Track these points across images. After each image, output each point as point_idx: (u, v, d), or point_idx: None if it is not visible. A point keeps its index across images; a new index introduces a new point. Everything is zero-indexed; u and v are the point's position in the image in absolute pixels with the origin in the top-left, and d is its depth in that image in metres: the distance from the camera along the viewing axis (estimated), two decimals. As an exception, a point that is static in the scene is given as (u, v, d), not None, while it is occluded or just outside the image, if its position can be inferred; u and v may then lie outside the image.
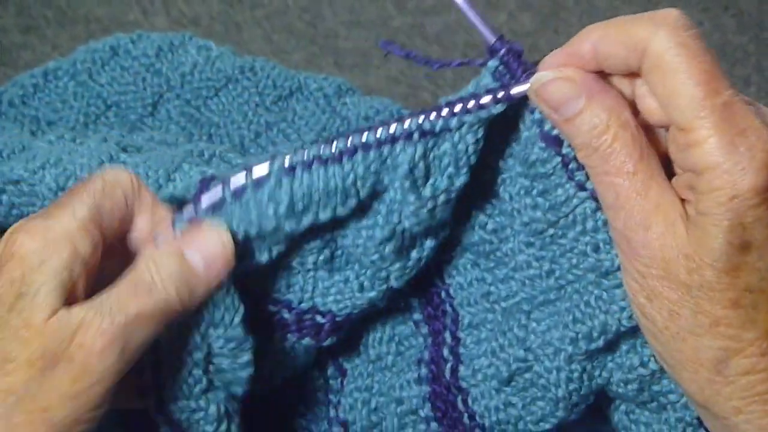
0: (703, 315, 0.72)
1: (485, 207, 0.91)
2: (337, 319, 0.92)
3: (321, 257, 0.88)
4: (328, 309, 0.91)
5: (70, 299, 0.73)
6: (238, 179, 0.80)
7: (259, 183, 0.79)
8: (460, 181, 0.83)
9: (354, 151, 0.79)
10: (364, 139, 0.79)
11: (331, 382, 1.02)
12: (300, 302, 0.91)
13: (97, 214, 0.76)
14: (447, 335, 0.95)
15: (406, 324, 0.99)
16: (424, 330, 0.97)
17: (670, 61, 0.70)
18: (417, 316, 0.98)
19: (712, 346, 0.72)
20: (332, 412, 1.01)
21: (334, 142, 0.79)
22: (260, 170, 0.79)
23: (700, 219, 0.70)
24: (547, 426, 0.90)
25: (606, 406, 0.93)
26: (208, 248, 0.78)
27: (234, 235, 0.80)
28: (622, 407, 0.91)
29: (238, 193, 0.79)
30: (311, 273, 0.90)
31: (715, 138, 0.69)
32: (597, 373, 0.86)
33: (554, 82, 0.75)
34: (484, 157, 0.85)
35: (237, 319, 0.82)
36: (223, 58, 1.25)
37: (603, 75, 0.76)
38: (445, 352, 0.94)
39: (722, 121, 0.69)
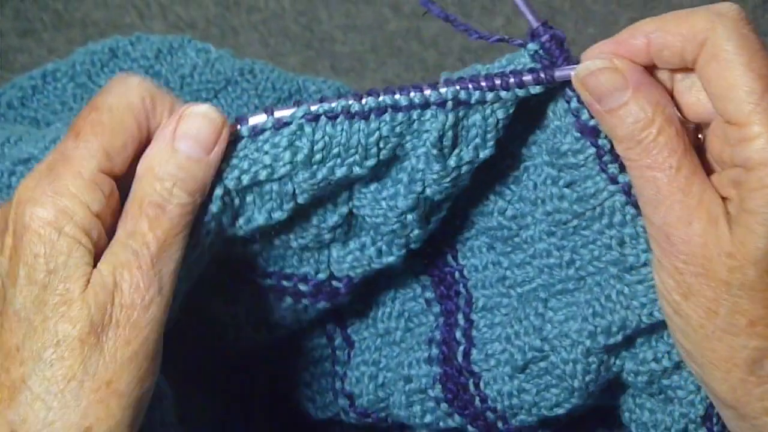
0: (740, 314, 0.71)
1: (505, 193, 0.90)
2: (354, 281, 0.91)
3: (338, 232, 0.88)
4: (345, 275, 0.90)
5: (97, 257, 0.72)
6: (259, 119, 0.78)
7: (279, 126, 0.78)
8: (485, 153, 0.82)
9: (383, 111, 0.78)
10: (395, 101, 0.78)
11: (338, 353, 1.02)
12: (317, 273, 0.91)
13: (106, 158, 0.72)
14: (460, 317, 0.94)
15: (417, 301, 0.98)
16: (436, 309, 0.97)
17: (730, 52, 0.69)
18: (429, 294, 0.98)
19: (748, 346, 0.72)
20: (338, 384, 1.01)
21: (364, 98, 0.78)
22: (283, 113, 0.78)
23: (744, 217, 0.70)
24: (561, 411, 0.90)
25: (613, 384, 0.92)
26: (196, 130, 0.74)
27: (243, 176, 0.78)
28: (630, 389, 0.91)
29: (257, 132, 0.78)
30: (326, 247, 0.90)
31: None
32: (612, 362, 0.86)
33: (602, 72, 0.74)
34: (505, 143, 0.84)
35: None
36: (222, 60, 1.25)
37: (648, 70, 0.76)
38: (458, 334, 0.93)
39: None
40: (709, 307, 0.71)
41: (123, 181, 0.74)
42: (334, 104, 0.77)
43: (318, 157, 0.78)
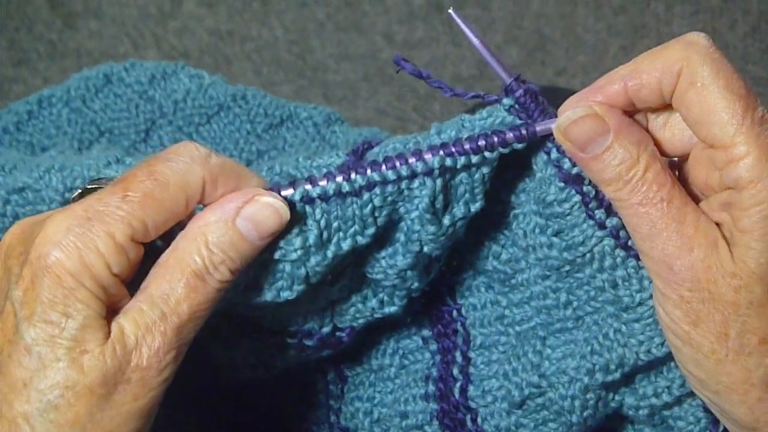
0: (751, 333, 0.72)
1: (498, 237, 0.91)
2: (357, 329, 0.93)
3: (342, 291, 0.89)
4: (347, 326, 0.92)
5: (112, 307, 0.72)
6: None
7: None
8: (476, 207, 0.83)
9: (373, 186, 0.79)
10: (383, 175, 0.79)
11: (330, 387, 1.03)
12: (321, 327, 0.92)
13: (143, 229, 0.72)
14: (458, 354, 0.95)
15: (412, 339, 1.00)
16: (433, 347, 0.98)
17: (707, 77, 0.71)
18: (426, 332, 0.99)
19: (762, 364, 0.73)
20: (333, 418, 1.02)
21: (353, 175, 0.79)
22: (285, 193, 0.78)
23: (741, 237, 0.71)
24: None
25: (611, 415, 0.93)
26: (262, 218, 0.74)
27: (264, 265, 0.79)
28: (629, 419, 0.92)
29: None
30: (329, 308, 0.91)
31: (757, 151, 0.70)
32: (611, 398, 0.87)
33: (583, 120, 0.75)
34: (496, 191, 0.86)
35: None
36: (215, 86, 1.26)
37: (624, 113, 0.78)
38: (455, 371, 0.94)
39: (762, 135, 0.70)
40: (719, 331, 0.72)
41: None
42: (326, 185, 0.78)
43: (324, 235, 0.80)
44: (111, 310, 0.72)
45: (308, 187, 0.78)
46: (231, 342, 0.89)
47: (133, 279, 0.74)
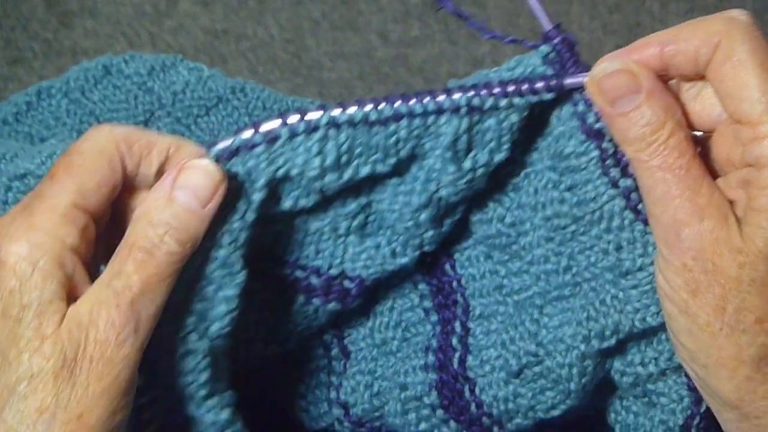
0: (749, 311, 0.72)
1: (504, 200, 0.91)
2: (366, 283, 0.92)
3: (355, 222, 0.89)
4: (357, 274, 0.92)
5: (72, 291, 0.73)
6: (293, 119, 0.79)
7: (310, 130, 0.79)
8: (500, 157, 0.83)
9: (400, 117, 0.79)
10: (410, 108, 0.79)
11: (334, 363, 1.02)
12: (329, 267, 0.92)
13: (81, 196, 0.74)
14: (457, 325, 0.96)
15: (414, 311, 0.99)
16: (434, 318, 0.98)
17: (745, 53, 0.71)
18: (427, 303, 0.98)
19: (755, 343, 0.73)
20: (333, 394, 1.02)
21: (381, 105, 0.79)
22: (312, 116, 0.78)
23: (753, 215, 0.72)
24: (557, 413, 0.91)
25: (604, 386, 0.93)
26: (195, 182, 0.75)
27: (271, 177, 0.79)
28: (618, 392, 0.92)
29: (289, 135, 0.79)
30: (342, 238, 0.91)
31: None
32: (606, 363, 0.88)
33: (618, 74, 0.75)
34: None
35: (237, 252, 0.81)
36: (215, 78, 1.27)
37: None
38: (454, 341, 0.95)
39: None
40: (717, 304, 0.73)
41: (113, 233, 0.77)
42: (354, 112, 0.78)
43: (344, 159, 0.80)
44: (71, 295, 0.72)
45: (336, 112, 0.78)
46: (244, 306, 0.86)
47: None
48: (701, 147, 0.78)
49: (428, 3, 1.85)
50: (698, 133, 0.78)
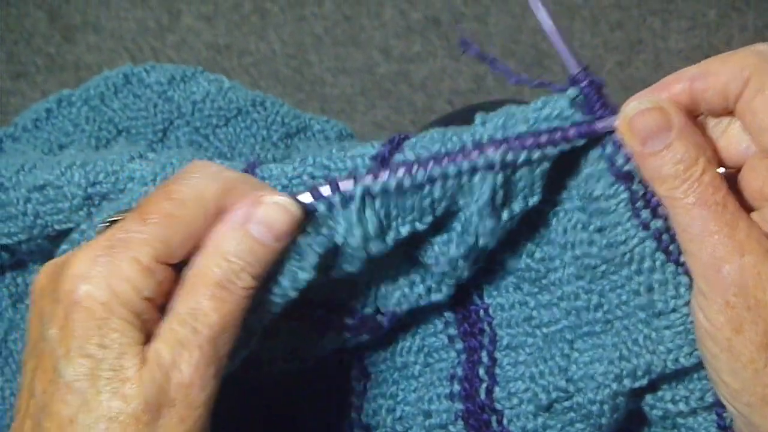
0: None
1: (534, 236, 0.90)
2: (398, 315, 0.92)
3: (393, 270, 0.88)
4: (390, 310, 0.91)
5: (148, 332, 0.71)
6: (325, 191, 0.77)
7: (343, 201, 0.77)
8: (534, 201, 0.82)
9: (433, 180, 0.79)
10: (445, 172, 0.78)
11: (353, 383, 1.01)
12: (363, 307, 0.91)
13: (166, 249, 0.72)
14: (484, 354, 0.95)
15: (437, 337, 0.98)
16: (459, 346, 0.96)
17: None
18: (452, 331, 0.97)
19: None
20: (353, 415, 1.01)
21: (414, 170, 0.77)
22: (345, 185, 0.77)
23: None
24: None
25: (634, 416, 0.92)
26: (273, 219, 0.74)
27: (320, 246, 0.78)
28: (646, 423, 0.92)
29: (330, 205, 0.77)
30: (376, 281, 0.90)
31: None
32: (637, 397, 0.87)
33: (650, 112, 0.76)
34: None
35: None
36: (235, 90, 1.27)
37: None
38: (481, 371, 0.94)
39: None
40: (761, 340, 0.73)
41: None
42: (388, 180, 0.77)
43: (384, 224, 0.80)
44: (147, 336, 0.71)
45: (369, 181, 0.79)
46: (271, 331, 0.87)
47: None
48: (729, 183, 0.77)
49: (430, 19, 1.87)
50: (722, 170, 0.78)
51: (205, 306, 0.71)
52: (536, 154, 0.78)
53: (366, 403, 1.00)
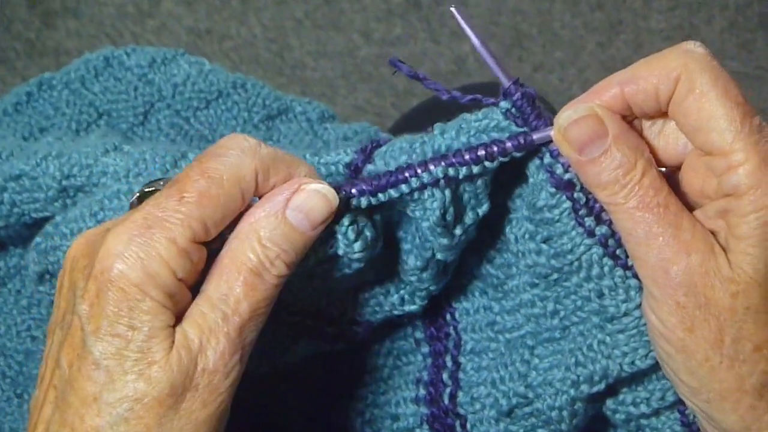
0: (746, 340, 0.74)
1: (493, 242, 0.92)
2: (373, 325, 0.94)
3: (368, 277, 0.90)
4: (366, 319, 0.93)
5: (179, 312, 0.72)
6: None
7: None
8: (483, 210, 0.84)
9: (381, 204, 0.80)
10: (391, 196, 0.79)
11: (326, 386, 1.02)
12: (341, 315, 0.93)
13: (203, 229, 0.72)
14: (448, 359, 0.97)
15: (407, 340, 0.99)
16: (425, 349, 0.98)
17: (706, 84, 0.72)
18: (419, 334, 0.99)
19: (755, 371, 0.74)
20: (326, 415, 1.03)
21: (362, 199, 0.79)
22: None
23: (738, 243, 0.73)
24: None
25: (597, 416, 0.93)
26: (311, 206, 0.75)
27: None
28: (610, 423, 0.93)
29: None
30: (353, 290, 0.92)
31: (756, 158, 0.71)
32: (597, 402, 0.88)
33: (582, 121, 0.76)
34: (493, 194, 0.86)
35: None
36: (216, 72, 1.27)
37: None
38: (445, 376, 0.95)
39: (761, 142, 0.72)
40: (714, 337, 0.74)
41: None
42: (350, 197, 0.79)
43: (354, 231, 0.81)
44: (177, 316, 0.72)
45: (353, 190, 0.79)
46: None
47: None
48: (670, 182, 0.78)
49: (410, 2, 1.88)
50: (663, 170, 0.79)
51: (237, 292, 0.72)
52: (476, 169, 0.79)
53: (338, 403, 1.01)
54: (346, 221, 0.79)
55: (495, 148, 0.79)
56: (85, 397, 0.70)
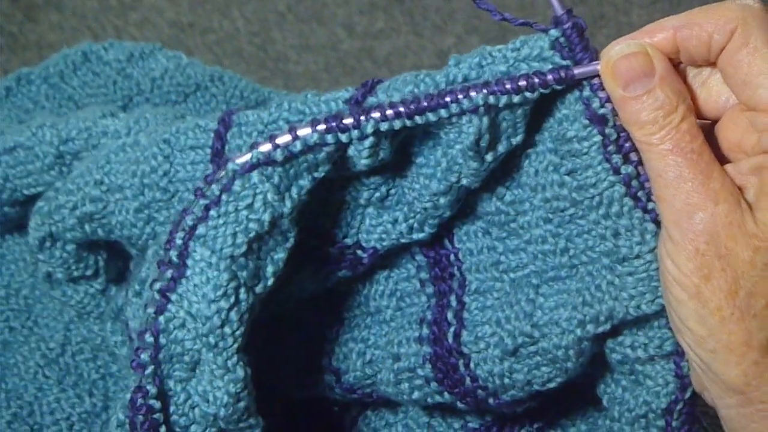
0: (760, 296, 0.75)
1: (504, 179, 0.94)
2: (379, 252, 0.97)
3: (377, 194, 0.93)
4: (371, 245, 0.96)
5: None
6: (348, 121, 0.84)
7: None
8: (517, 140, 0.87)
9: (416, 115, 0.83)
10: (428, 118, 0.83)
11: (326, 330, 1.05)
12: (345, 237, 0.96)
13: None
14: (452, 298, 0.98)
15: (410, 281, 1.02)
16: (429, 290, 1.00)
17: (761, 40, 0.75)
18: (423, 275, 1.01)
19: (765, 328, 0.76)
20: (324, 360, 1.04)
21: (403, 118, 0.83)
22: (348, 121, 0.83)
23: (766, 201, 0.75)
24: (553, 385, 0.94)
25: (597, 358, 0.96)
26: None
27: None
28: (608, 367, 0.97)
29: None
30: (361, 209, 0.95)
31: None
32: (600, 341, 0.92)
33: (635, 56, 0.78)
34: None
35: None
36: (193, 66, 1.30)
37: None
38: (449, 315, 0.97)
39: None
40: (729, 288, 0.75)
41: None
42: (382, 120, 0.83)
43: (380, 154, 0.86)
44: None
45: (376, 116, 0.83)
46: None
47: None
48: (706, 134, 0.80)
49: (393, -5, 1.89)
50: (699, 122, 0.81)
51: None
52: (516, 98, 0.82)
53: (337, 347, 1.03)
54: (367, 143, 0.84)
55: (536, 79, 0.81)
56: None
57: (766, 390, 0.77)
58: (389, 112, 0.81)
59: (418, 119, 0.82)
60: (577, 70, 0.82)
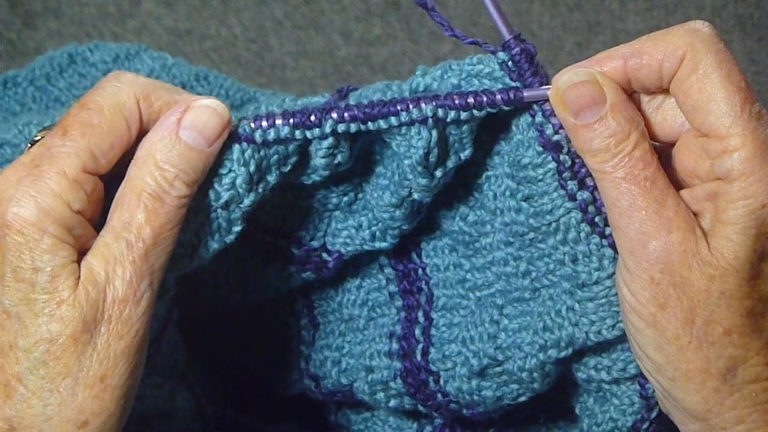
0: (717, 323, 0.75)
1: (468, 199, 0.93)
2: (344, 257, 0.96)
3: (345, 198, 0.93)
4: (336, 249, 0.96)
5: (81, 248, 0.74)
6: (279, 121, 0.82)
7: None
8: (465, 154, 0.86)
9: (368, 132, 0.83)
10: (379, 125, 0.82)
11: (303, 332, 1.05)
12: (311, 240, 0.96)
13: (92, 159, 0.73)
14: (420, 314, 0.98)
15: (381, 292, 1.02)
16: (398, 303, 1.01)
17: (710, 66, 0.74)
18: (392, 287, 1.01)
19: (723, 355, 0.75)
20: (303, 364, 1.05)
21: (351, 124, 0.82)
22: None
23: (722, 228, 0.74)
24: (523, 399, 0.93)
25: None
26: (203, 123, 0.75)
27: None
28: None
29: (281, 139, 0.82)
30: (328, 213, 0.95)
31: (752, 145, 0.73)
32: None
33: (582, 85, 0.77)
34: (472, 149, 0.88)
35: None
36: (179, 66, 1.31)
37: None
38: (417, 331, 0.97)
39: (758, 130, 0.73)
40: (686, 317, 0.75)
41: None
42: (339, 121, 0.82)
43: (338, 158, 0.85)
44: (81, 252, 0.74)
45: (313, 120, 0.82)
46: (218, 255, 0.89)
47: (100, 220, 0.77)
48: (662, 158, 0.79)
49: (389, 2, 1.91)
50: (656, 144, 0.80)
51: (139, 219, 0.73)
52: (463, 115, 0.81)
53: (314, 353, 1.04)
54: (326, 143, 0.83)
55: (484, 98, 0.80)
56: (2, 347, 0.72)
57: (727, 417, 0.77)
58: (345, 114, 0.82)
59: (371, 125, 0.83)
60: (526, 93, 0.81)
